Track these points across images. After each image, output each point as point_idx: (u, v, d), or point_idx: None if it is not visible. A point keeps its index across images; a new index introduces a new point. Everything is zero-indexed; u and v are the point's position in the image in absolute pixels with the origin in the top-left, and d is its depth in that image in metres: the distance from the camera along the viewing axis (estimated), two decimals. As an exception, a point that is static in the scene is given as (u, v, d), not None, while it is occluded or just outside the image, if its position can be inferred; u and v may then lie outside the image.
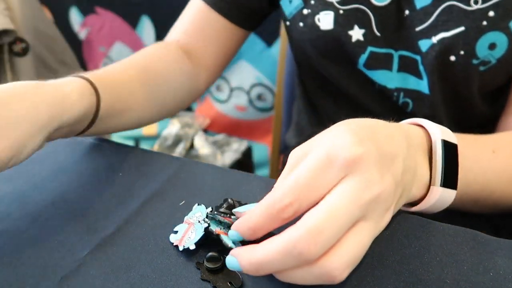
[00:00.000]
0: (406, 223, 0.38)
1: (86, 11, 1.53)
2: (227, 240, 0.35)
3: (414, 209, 0.38)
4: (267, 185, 0.43)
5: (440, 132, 0.37)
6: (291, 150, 0.33)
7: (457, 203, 0.42)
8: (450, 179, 0.37)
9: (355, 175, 0.29)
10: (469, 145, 0.42)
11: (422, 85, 0.55)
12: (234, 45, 0.65)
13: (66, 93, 0.41)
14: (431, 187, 0.37)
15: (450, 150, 0.37)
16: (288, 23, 0.59)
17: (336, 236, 0.27)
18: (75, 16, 1.56)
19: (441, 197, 0.37)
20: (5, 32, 1.01)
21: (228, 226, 0.37)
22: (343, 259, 0.28)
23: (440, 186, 0.36)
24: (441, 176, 0.36)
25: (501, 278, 0.33)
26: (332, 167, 0.29)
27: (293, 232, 0.27)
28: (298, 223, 0.28)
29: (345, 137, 0.30)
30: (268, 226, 0.29)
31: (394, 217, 0.39)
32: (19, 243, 0.38)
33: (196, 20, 0.62)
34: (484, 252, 0.35)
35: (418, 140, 0.37)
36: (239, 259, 0.29)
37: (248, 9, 0.62)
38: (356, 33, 0.54)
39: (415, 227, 0.38)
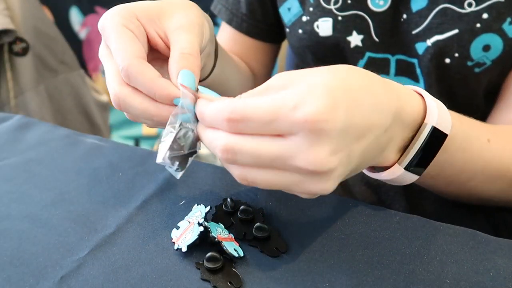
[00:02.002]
0: (406, 223, 0.38)
1: (86, 10, 1.53)
2: (229, 246, 0.35)
3: (372, 175, 0.38)
4: (267, 185, 0.43)
5: (436, 117, 0.35)
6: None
7: (428, 182, 0.42)
8: (418, 165, 0.36)
9: (304, 141, 0.29)
10: (464, 129, 0.41)
11: None
12: (268, 58, 0.70)
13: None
14: (395, 165, 0.36)
15: (437, 137, 0.36)
16: (287, 30, 0.59)
17: (252, 162, 0.30)
18: (75, 16, 1.56)
19: (400, 177, 0.36)
20: (5, 32, 1.01)
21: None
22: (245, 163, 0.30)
23: (404, 168, 0.36)
24: (409, 162, 0.36)
25: (501, 278, 0.34)
26: (293, 117, 0.28)
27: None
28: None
29: (321, 96, 0.29)
30: (211, 122, 0.32)
31: (394, 217, 0.39)
32: (19, 243, 0.38)
33: (228, 43, 0.67)
34: (484, 252, 0.36)
35: (410, 118, 0.35)
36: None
37: (266, 25, 0.64)
38: (355, 39, 0.54)
39: (415, 227, 0.38)
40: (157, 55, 0.41)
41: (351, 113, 0.29)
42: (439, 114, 0.35)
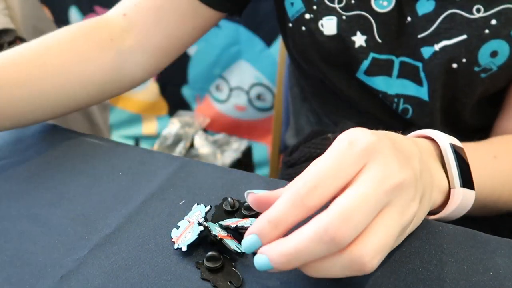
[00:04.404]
0: (406, 222, 0.38)
1: (85, 10, 1.53)
2: (231, 243, 0.35)
3: (437, 216, 0.38)
4: (267, 185, 0.43)
5: (446, 138, 0.38)
6: (290, 150, 0.33)
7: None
8: (466, 179, 0.37)
9: (376, 162, 0.29)
10: (472, 152, 0.43)
11: (422, 92, 0.55)
12: (198, 28, 0.57)
13: None
14: (451, 190, 0.37)
15: (459, 153, 0.38)
16: (290, 25, 0.58)
17: (365, 221, 0.27)
18: (75, 16, 1.55)
19: (463, 198, 0.37)
20: (5, 31, 1.01)
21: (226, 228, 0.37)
22: (372, 245, 0.27)
23: (460, 187, 0.36)
24: (459, 177, 0.37)
25: (501, 278, 0.34)
26: (353, 150, 0.29)
27: (324, 217, 0.27)
28: (328, 208, 0.27)
29: (363, 130, 0.30)
30: (291, 217, 0.28)
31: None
32: (19, 243, 0.38)
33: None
34: (484, 252, 0.36)
35: (427, 148, 0.38)
36: (270, 253, 0.28)
37: None
38: (359, 39, 0.54)
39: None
40: None
41: (392, 141, 0.31)
42: (446, 135, 0.38)
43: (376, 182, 0.28)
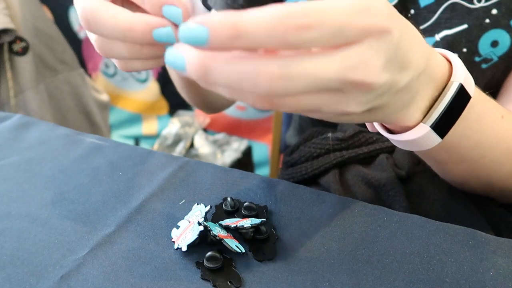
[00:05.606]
0: (406, 222, 0.38)
1: (86, 10, 1.53)
2: (231, 243, 0.35)
3: (391, 137, 0.37)
4: (267, 184, 0.43)
5: (463, 76, 0.35)
6: (290, 150, 0.32)
7: (442, 156, 0.41)
8: (443, 125, 0.35)
9: (372, 44, 0.25)
10: (481, 101, 0.40)
11: None
12: None
13: None
14: (420, 123, 0.35)
15: (462, 98, 0.35)
16: None
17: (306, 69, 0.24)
18: (75, 15, 1.55)
19: (424, 137, 0.35)
20: (5, 31, 1.01)
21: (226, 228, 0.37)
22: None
23: (430, 127, 0.35)
24: (434, 121, 0.34)
25: (501, 277, 0.34)
26: (362, 22, 0.24)
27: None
28: None
29: (385, 4, 0.26)
30: (260, 38, 0.22)
31: (394, 217, 0.39)
32: (19, 243, 0.38)
33: None
34: (484, 251, 0.36)
35: (436, 75, 0.34)
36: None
37: None
38: None
39: (415, 226, 0.38)
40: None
41: (403, 34, 0.27)
42: (465, 74, 0.35)
43: (342, 66, 0.25)
